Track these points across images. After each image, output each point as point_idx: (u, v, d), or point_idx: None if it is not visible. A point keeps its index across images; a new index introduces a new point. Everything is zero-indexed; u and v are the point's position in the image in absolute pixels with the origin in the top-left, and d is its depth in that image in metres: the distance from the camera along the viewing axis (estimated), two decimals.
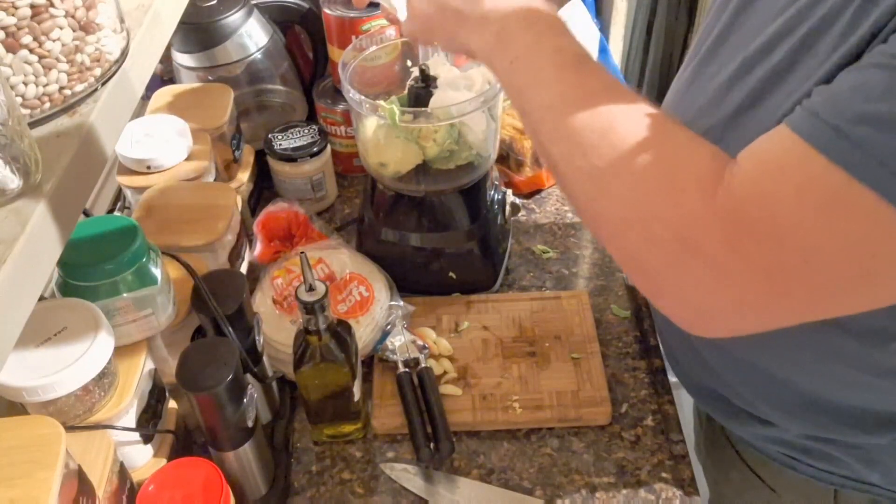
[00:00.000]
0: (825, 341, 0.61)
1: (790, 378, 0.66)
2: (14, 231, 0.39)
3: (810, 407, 0.67)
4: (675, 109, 0.68)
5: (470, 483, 0.79)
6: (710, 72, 0.63)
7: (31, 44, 0.44)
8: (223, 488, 0.65)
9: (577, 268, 1.02)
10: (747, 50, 0.58)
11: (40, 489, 0.51)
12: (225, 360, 0.66)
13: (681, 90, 0.69)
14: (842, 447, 0.70)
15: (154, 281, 0.70)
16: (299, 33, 1.20)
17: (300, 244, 0.96)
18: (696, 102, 0.64)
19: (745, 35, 0.60)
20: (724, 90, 0.59)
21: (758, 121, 0.54)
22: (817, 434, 0.70)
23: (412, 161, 0.88)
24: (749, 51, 0.57)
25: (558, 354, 0.88)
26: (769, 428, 0.73)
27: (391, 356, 0.87)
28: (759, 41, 0.56)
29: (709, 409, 0.81)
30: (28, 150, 0.41)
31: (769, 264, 0.46)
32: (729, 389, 0.74)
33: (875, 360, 0.60)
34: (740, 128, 0.56)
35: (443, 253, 0.94)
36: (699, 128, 0.59)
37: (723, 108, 0.59)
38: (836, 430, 0.68)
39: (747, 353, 0.67)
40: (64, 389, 0.61)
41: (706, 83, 0.63)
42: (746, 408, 0.73)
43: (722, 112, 0.59)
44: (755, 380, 0.69)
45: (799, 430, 0.71)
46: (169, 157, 0.90)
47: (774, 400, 0.70)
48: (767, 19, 0.56)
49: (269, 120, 1.18)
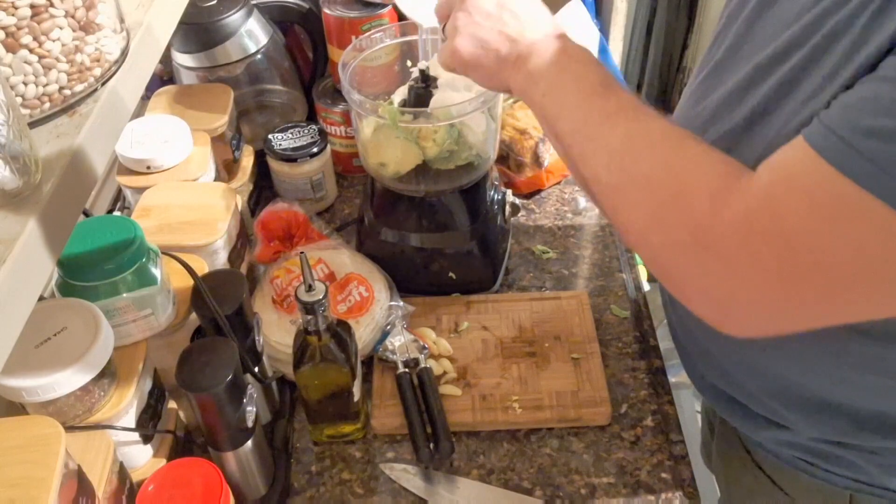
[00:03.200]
0: (843, 345, 0.61)
1: (807, 382, 0.66)
2: (14, 231, 0.39)
3: (827, 410, 0.67)
4: (688, 116, 0.69)
5: (470, 483, 0.79)
6: (723, 79, 0.65)
7: (30, 44, 0.44)
8: (223, 488, 0.65)
9: (576, 268, 1.02)
10: (760, 57, 0.59)
11: (40, 489, 0.51)
12: (225, 360, 0.66)
13: (694, 97, 0.70)
14: (858, 452, 0.69)
15: (154, 281, 0.70)
16: (299, 33, 1.20)
17: (300, 244, 0.96)
18: (710, 108, 0.65)
19: (758, 43, 0.61)
20: (738, 97, 0.61)
21: (771, 127, 0.55)
22: (835, 438, 0.70)
23: (412, 161, 0.88)
24: (762, 58, 0.59)
25: (558, 355, 0.88)
26: (785, 432, 0.72)
27: (391, 356, 0.87)
28: (773, 49, 0.57)
29: (725, 413, 0.80)
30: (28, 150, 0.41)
31: (781, 270, 0.48)
32: (744, 393, 0.73)
33: (894, 364, 0.60)
34: (754, 135, 0.58)
35: (443, 253, 0.94)
36: (713, 133, 0.61)
37: (736, 114, 0.60)
38: (854, 435, 0.68)
39: (764, 356, 0.67)
40: (64, 389, 0.61)
41: (719, 90, 0.64)
42: (762, 412, 0.73)
43: (735, 118, 0.60)
44: (772, 383, 0.69)
45: (816, 434, 0.70)
46: (169, 157, 0.90)
47: (791, 404, 0.69)
48: (781, 27, 0.57)
49: (269, 120, 1.18)
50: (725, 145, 0.55)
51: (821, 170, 0.45)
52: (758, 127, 0.58)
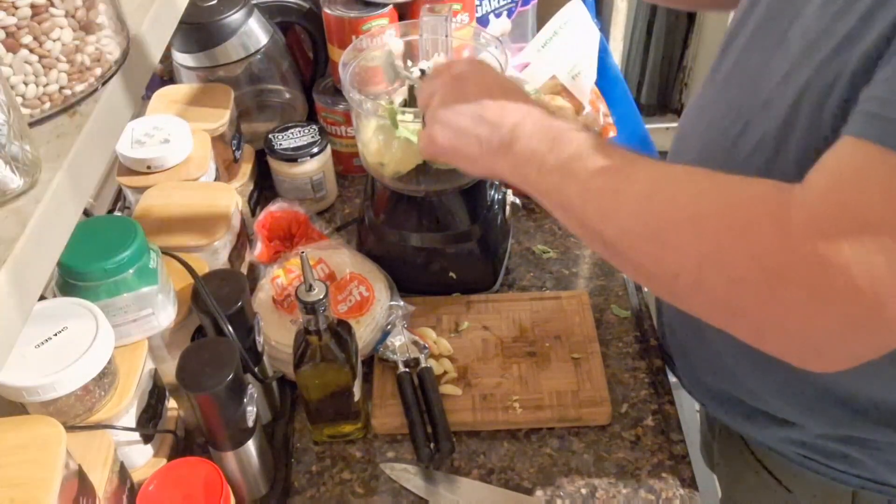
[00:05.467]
0: None
1: (813, 376, 0.64)
2: (14, 231, 0.39)
3: (826, 399, 0.67)
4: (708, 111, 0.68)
5: (470, 483, 0.79)
6: (752, 64, 0.63)
7: (31, 44, 0.44)
8: (223, 488, 0.65)
9: (577, 268, 1.02)
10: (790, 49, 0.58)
11: (41, 489, 0.51)
12: (225, 360, 0.66)
13: (717, 86, 0.69)
14: (862, 448, 0.69)
15: (154, 281, 0.70)
16: (299, 33, 1.20)
17: (300, 244, 0.96)
18: (739, 100, 0.64)
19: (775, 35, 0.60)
20: (779, 87, 0.59)
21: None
22: (839, 432, 0.69)
23: (412, 161, 0.88)
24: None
25: (558, 354, 0.88)
26: (787, 429, 0.72)
27: (391, 356, 0.87)
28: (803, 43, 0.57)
29: (721, 413, 0.80)
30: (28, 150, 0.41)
31: (870, 272, 0.44)
32: (745, 390, 0.73)
33: None
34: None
35: (443, 253, 0.94)
36: (754, 134, 0.60)
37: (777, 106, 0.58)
38: (862, 426, 0.67)
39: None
40: (64, 389, 0.61)
41: (752, 77, 0.63)
42: (764, 408, 0.73)
43: (776, 112, 0.58)
44: (773, 378, 0.69)
45: (820, 430, 0.70)
46: (169, 157, 0.90)
47: (795, 398, 0.69)
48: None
49: (269, 120, 1.18)
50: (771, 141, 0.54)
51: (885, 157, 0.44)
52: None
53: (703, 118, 0.71)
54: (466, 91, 0.67)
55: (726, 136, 0.64)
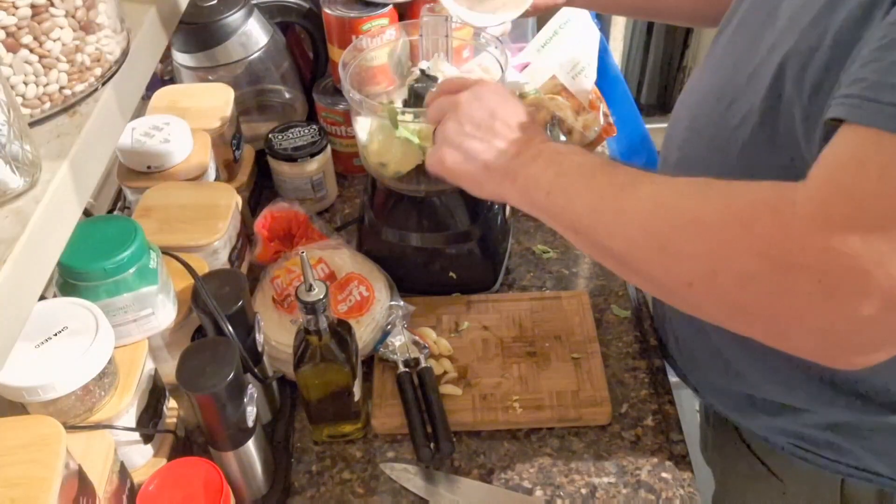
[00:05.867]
0: None
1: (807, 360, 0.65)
2: (14, 231, 0.39)
3: (831, 386, 0.67)
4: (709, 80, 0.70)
5: (470, 483, 0.79)
6: (741, 44, 0.65)
7: (31, 44, 0.44)
8: (223, 488, 0.65)
9: (577, 268, 1.02)
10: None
11: (41, 489, 0.51)
12: (225, 360, 0.66)
13: (707, 69, 0.71)
14: (851, 437, 0.70)
15: (154, 281, 0.70)
16: (299, 33, 1.20)
17: (300, 244, 0.96)
18: (727, 77, 0.66)
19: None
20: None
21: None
22: (835, 419, 0.70)
23: (412, 161, 0.88)
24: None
25: (558, 354, 0.88)
26: (778, 418, 0.73)
27: (391, 356, 0.87)
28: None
29: (715, 401, 0.81)
30: (28, 150, 0.41)
31: (877, 257, 0.44)
32: (739, 377, 0.73)
33: None
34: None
35: (443, 253, 0.94)
36: (740, 108, 0.62)
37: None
38: (865, 411, 0.67)
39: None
40: (64, 389, 0.61)
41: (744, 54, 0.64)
42: (759, 395, 0.73)
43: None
44: (770, 365, 0.69)
45: (818, 418, 0.70)
46: (169, 157, 0.90)
47: (793, 384, 0.69)
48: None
49: (269, 120, 1.18)
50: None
51: (881, 140, 0.44)
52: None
53: (693, 96, 0.73)
54: (478, 116, 0.68)
55: (715, 110, 0.66)
